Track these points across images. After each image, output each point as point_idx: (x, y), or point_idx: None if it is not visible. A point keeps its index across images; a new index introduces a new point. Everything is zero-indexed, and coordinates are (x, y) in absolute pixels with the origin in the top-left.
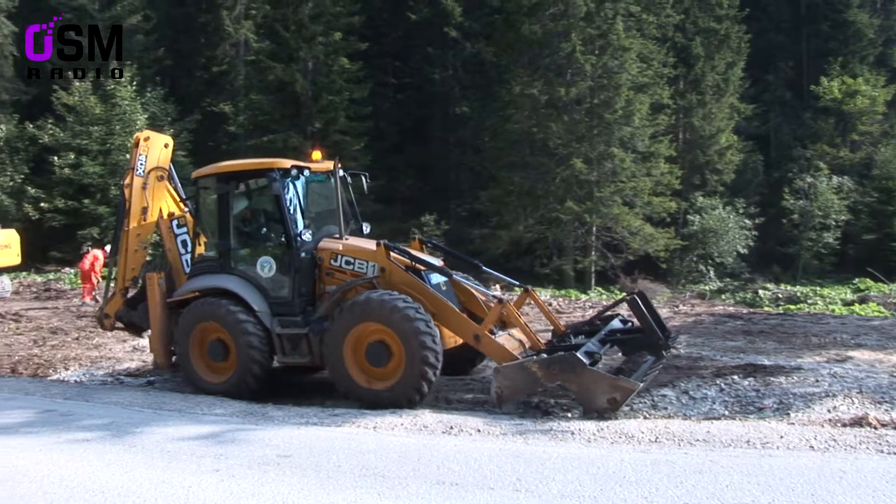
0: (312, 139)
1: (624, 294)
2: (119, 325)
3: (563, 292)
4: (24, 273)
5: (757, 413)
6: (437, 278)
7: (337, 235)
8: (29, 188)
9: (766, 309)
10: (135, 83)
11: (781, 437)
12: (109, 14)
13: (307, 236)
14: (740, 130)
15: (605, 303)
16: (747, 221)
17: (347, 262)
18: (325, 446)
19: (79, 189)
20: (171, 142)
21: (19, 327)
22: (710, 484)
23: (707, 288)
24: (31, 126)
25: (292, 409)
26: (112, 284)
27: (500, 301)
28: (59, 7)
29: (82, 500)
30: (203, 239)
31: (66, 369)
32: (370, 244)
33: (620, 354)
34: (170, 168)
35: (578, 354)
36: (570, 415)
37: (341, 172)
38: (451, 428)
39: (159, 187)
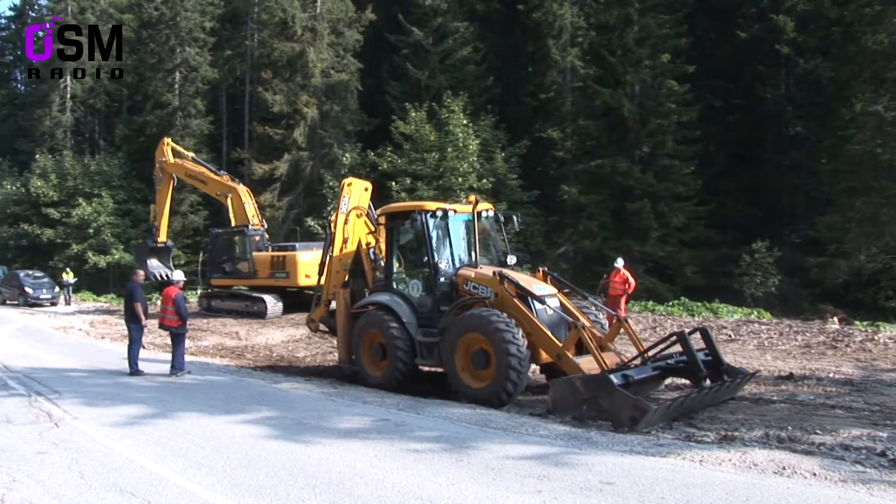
0: (640, 164)
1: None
2: (322, 328)
3: None
4: None
5: None
6: (540, 305)
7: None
8: None
9: None
10: (467, 111)
11: None
12: (442, 48)
13: (443, 265)
14: None
15: None
16: None
17: (475, 287)
18: (649, 476)
19: None
20: (370, 186)
21: None
22: None
23: None
24: (372, 154)
25: (616, 436)
26: (319, 297)
27: (576, 326)
28: (397, 44)
29: None
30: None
31: None
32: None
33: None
34: (369, 206)
35: (611, 376)
36: None
37: (492, 212)
38: (784, 468)
39: (359, 223)
